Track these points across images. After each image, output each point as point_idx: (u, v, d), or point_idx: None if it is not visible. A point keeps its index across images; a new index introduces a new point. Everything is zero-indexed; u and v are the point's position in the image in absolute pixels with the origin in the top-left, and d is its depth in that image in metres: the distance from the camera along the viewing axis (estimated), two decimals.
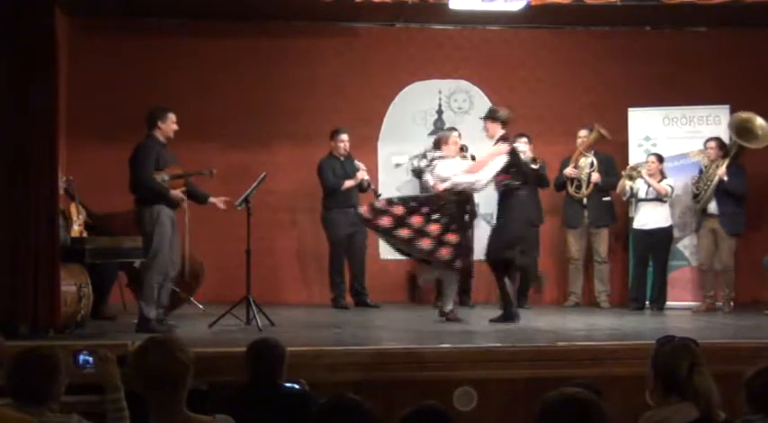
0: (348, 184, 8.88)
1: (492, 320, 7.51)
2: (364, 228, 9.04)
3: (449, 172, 7.61)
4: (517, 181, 7.62)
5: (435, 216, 7.46)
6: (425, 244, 7.40)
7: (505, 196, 7.69)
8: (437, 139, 8.11)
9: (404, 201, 7.65)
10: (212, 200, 7.38)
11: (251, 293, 7.22)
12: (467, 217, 7.71)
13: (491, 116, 7.76)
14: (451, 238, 7.43)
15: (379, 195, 9.08)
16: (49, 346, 4.07)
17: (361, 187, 8.99)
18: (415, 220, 7.43)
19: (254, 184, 7.48)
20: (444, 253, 7.41)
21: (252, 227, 9.29)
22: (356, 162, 9.02)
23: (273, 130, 9.61)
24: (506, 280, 7.62)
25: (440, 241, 7.41)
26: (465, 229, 7.60)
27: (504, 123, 7.71)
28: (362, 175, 8.93)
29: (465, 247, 7.53)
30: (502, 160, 7.55)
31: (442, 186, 7.57)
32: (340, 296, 8.91)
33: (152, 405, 2.86)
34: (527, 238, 8.13)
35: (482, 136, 8.07)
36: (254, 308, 7.07)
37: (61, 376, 3.45)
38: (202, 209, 7.51)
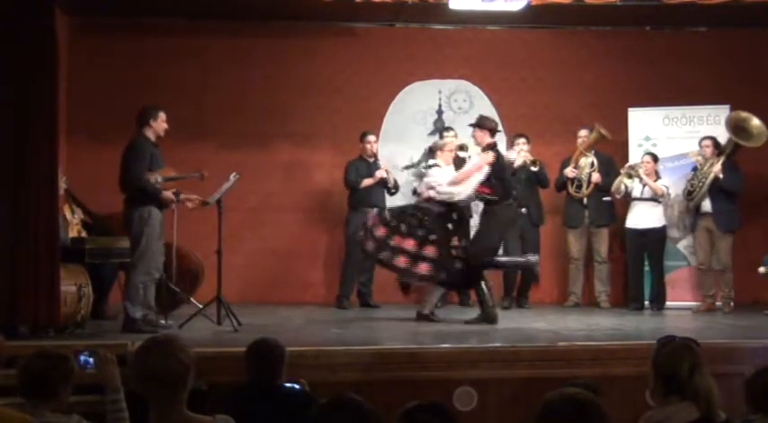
0: (366, 182, 8.91)
1: (468, 322, 7.52)
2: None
3: (437, 181, 7.67)
4: (496, 196, 7.60)
5: (415, 231, 7.45)
6: (402, 263, 7.40)
7: (484, 207, 7.75)
8: (431, 147, 8.13)
9: (385, 222, 7.60)
10: (183, 196, 7.32)
11: (223, 293, 7.18)
12: (450, 225, 7.65)
13: (480, 124, 7.81)
14: (428, 251, 7.39)
15: (393, 193, 9.10)
16: (62, 347, 4.10)
17: (388, 188, 9.02)
18: (396, 241, 7.44)
19: (227, 184, 7.43)
20: (423, 268, 7.38)
21: (251, 227, 9.39)
22: (378, 163, 9.06)
23: (273, 130, 9.61)
24: (483, 283, 7.62)
25: (416, 257, 7.38)
26: (445, 239, 7.51)
27: (493, 132, 7.78)
28: (381, 173, 8.94)
29: (445, 258, 7.41)
30: (484, 172, 7.57)
31: (428, 194, 7.66)
32: (344, 296, 8.91)
33: (152, 405, 2.86)
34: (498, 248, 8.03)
35: None
36: (225, 308, 7.06)
37: (73, 379, 3.47)
38: (204, 210, 7.51)
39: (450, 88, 9.96)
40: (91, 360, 3.70)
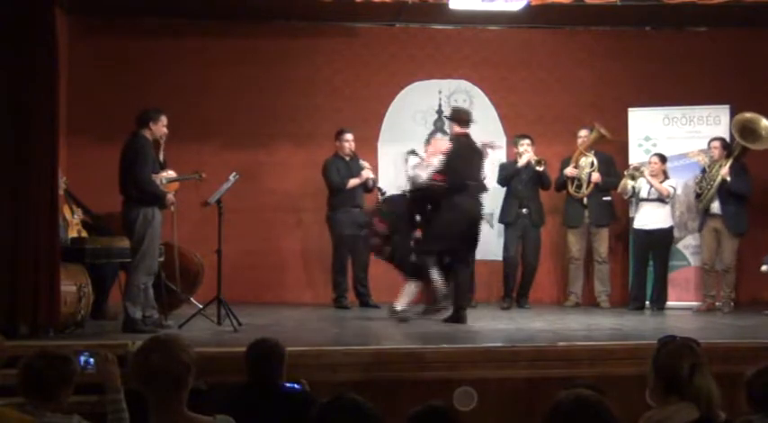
0: (353, 182, 8.87)
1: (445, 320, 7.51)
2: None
3: (409, 166, 7.81)
4: (446, 184, 7.55)
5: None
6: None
7: (437, 196, 7.62)
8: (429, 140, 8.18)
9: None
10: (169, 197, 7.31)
11: (223, 294, 7.19)
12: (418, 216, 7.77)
13: (451, 117, 7.95)
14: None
15: (384, 193, 9.07)
16: (63, 347, 4.10)
17: (367, 187, 8.99)
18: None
19: (227, 184, 7.43)
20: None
21: (251, 227, 9.39)
22: (361, 161, 9.01)
23: (273, 130, 9.61)
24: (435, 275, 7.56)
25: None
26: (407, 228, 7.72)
27: (461, 123, 7.76)
28: (367, 173, 8.92)
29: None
30: (438, 159, 7.62)
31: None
32: (342, 296, 8.90)
33: (153, 405, 2.86)
34: (455, 239, 7.66)
35: (481, 137, 8.11)
36: (225, 308, 7.06)
37: (74, 381, 3.47)
38: (204, 210, 7.53)
39: (450, 88, 9.96)
40: (91, 360, 3.70)
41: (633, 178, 8.92)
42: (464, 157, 7.74)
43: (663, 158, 8.96)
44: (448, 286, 7.53)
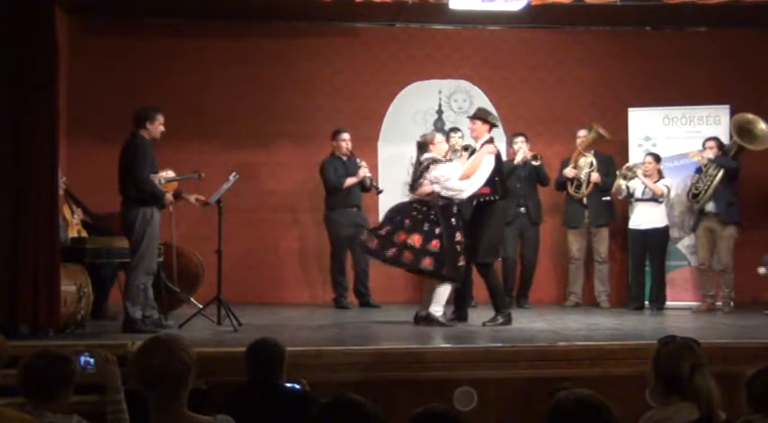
0: (350, 181, 8.86)
1: (486, 323, 7.38)
2: (367, 227, 9.04)
3: (445, 175, 7.28)
4: (497, 195, 7.41)
5: (420, 226, 7.17)
6: (407, 258, 7.15)
7: (483, 206, 7.43)
8: (422, 142, 7.58)
9: (390, 219, 7.40)
10: (184, 196, 7.32)
11: (223, 293, 7.17)
12: (453, 220, 7.25)
13: (482, 117, 7.57)
14: (433, 245, 7.10)
15: (381, 191, 9.05)
16: (63, 347, 4.10)
17: (364, 186, 8.98)
18: (399, 238, 7.17)
19: (227, 184, 7.42)
20: (427, 263, 7.12)
21: (251, 227, 9.39)
22: (357, 160, 9.00)
23: (273, 130, 9.61)
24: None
25: (421, 252, 7.11)
26: (450, 234, 7.17)
27: (492, 127, 7.57)
28: (364, 172, 8.91)
29: (448, 253, 7.13)
30: (489, 168, 7.34)
31: (428, 189, 7.26)
32: (341, 296, 8.91)
33: (153, 405, 2.86)
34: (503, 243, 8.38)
35: None
36: (225, 308, 7.05)
37: (74, 381, 3.47)
38: (204, 210, 7.53)
39: (450, 88, 9.96)
40: (91, 360, 3.69)
41: (625, 178, 8.93)
42: (503, 163, 7.73)
43: (657, 158, 8.96)
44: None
